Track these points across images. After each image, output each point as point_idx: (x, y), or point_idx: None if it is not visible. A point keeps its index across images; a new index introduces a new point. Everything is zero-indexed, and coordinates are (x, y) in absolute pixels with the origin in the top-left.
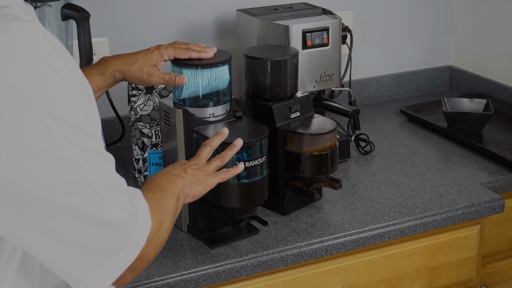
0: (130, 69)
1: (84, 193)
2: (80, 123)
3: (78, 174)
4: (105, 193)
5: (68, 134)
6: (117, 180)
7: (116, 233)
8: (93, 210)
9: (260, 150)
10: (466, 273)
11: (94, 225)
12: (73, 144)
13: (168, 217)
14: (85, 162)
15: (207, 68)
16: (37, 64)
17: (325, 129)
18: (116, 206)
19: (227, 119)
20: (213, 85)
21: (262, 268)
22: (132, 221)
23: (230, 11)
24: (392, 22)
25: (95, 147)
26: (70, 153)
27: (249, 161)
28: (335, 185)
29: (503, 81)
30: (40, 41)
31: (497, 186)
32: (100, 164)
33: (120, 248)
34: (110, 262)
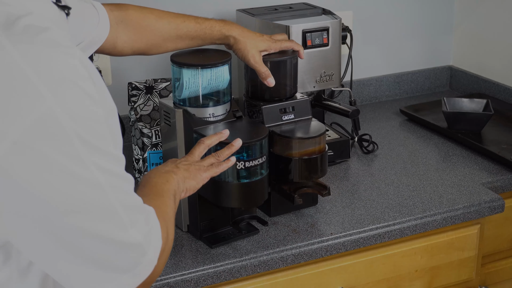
0: (244, 41)
1: (108, 216)
2: (108, 149)
3: (103, 198)
4: (126, 216)
5: (97, 160)
6: (136, 202)
7: (132, 253)
8: (115, 233)
9: (260, 150)
10: (466, 273)
11: (113, 247)
12: (100, 169)
13: (171, 224)
14: (110, 186)
15: (207, 68)
16: (73, 90)
17: (312, 133)
18: (135, 228)
19: (227, 119)
20: (213, 85)
21: (262, 268)
22: (147, 241)
23: (230, 11)
24: (392, 22)
25: (119, 171)
26: (98, 178)
27: (249, 161)
28: (323, 192)
29: (503, 81)
30: (77, 67)
31: (497, 186)
32: (123, 187)
33: (134, 267)
34: (122, 280)
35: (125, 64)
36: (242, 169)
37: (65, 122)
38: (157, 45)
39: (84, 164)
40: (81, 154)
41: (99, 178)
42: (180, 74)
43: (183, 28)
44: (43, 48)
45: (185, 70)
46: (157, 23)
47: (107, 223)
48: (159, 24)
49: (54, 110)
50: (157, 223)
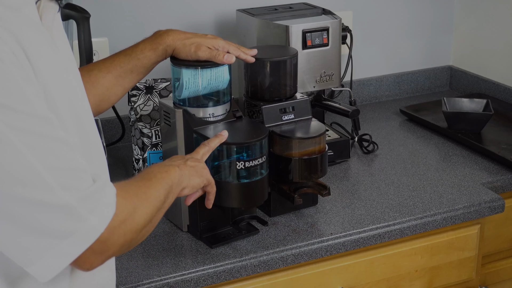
0: (182, 43)
1: (29, 178)
2: (27, 109)
3: (19, 159)
4: (52, 177)
5: (7, 119)
6: (72, 164)
7: (66, 218)
8: (40, 195)
9: (260, 150)
10: (466, 273)
11: (42, 210)
12: (14, 128)
13: (147, 204)
14: (28, 147)
15: (207, 68)
16: None
17: (312, 133)
18: (66, 191)
19: (227, 119)
20: (213, 85)
21: (262, 268)
22: (85, 206)
23: (230, 11)
24: (392, 22)
25: (43, 132)
26: (9, 138)
27: (249, 161)
28: (323, 192)
29: (503, 81)
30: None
31: (497, 186)
32: (49, 148)
33: (72, 233)
34: (62, 246)
35: None
36: (242, 169)
37: None
38: (105, 97)
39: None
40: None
41: (10, 137)
42: (180, 74)
43: (116, 67)
44: None
45: (185, 70)
46: (90, 77)
47: (30, 186)
48: (93, 76)
49: None
50: (110, 190)
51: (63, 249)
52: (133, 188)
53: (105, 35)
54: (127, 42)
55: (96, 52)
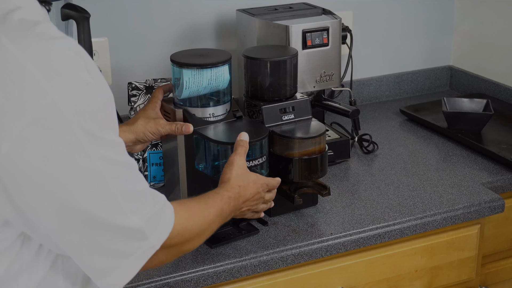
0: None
1: (108, 204)
2: (108, 136)
3: (104, 187)
4: (126, 202)
5: (99, 150)
6: (138, 187)
7: (134, 239)
8: (115, 219)
9: (260, 150)
10: (466, 273)
11: (115, 232)
12: (102, 158)
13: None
14: (111, 175)
15: (207, 68)
16: (72, 81)
17: (312, 133)
18: (135, 214)
19: (227, 119)
20: (213, 85)
21: (262, 268)
22: (150, 226)
23: (230, 11)
24: (392, 22)
25: (120, 158)
26: (99, 168)
27: (249, 161)
28: (323, 192)
29: (503, 81)
30: (74, 58)
31: (497, 186)
32: (125, 175)
33: (135, 251)
34: (126, 263)
35: (125, 64)
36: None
37: (68, 114)
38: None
39: (87, 155)
40: (84, 145)
41: (100, 168)
42: (180, 74)
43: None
44: (40, 42)
45: (185, 70)
46: None
47: (108, 210)
48: None
49: (56, 102)
50: (169, 211)
51: (126, 266)
52: (189, 205)
53: (105, 35)
54: (127, 42)
55: (96, 52)
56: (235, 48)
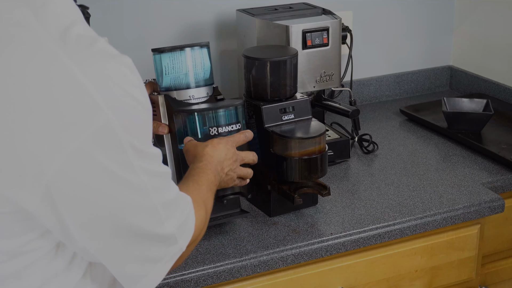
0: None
1: (149, 214)
2: (150, 149)
3: (147, 199)
4: (163, 211)
5: (143, 164)
6: (172, 194)
7: (166, 245)
8: (153, 228)
9: (236, 117)
10: (466, 273)
11: (151, 240)
12: (146, 172)
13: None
14: (153, 187)
15: (184, 50)
16: (127, 101)
17: (312, 133)
18: (169, 221)
19: (209, 102)
20: (194, 71)
21: (262, 268)
22: (180, 232)
23: (230, 11)
24: (392, 22)
25: (158, 169)
26: (144, 182)
27: (225, 126)
28: (323, 192)
29: (503, 81)
30: (129, 76)
31: (497, 186)
32: (162, 184)
33: (165, 255)
34: (157, 268)
35: None
36: (216, 135)
37: (121, 133)
38: None
39: (134, 171)
40: (132, 161)
41: (145, 181)
42: (160, 61)
43: None
44: (98, 60)
45: (163, 55)
46: None
47: (149, 221)
48: None
49: (111, 122)
50: (192, 213)
51: (157, 271)
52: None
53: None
54: (127, 42)
55: None
56: (235, 48)
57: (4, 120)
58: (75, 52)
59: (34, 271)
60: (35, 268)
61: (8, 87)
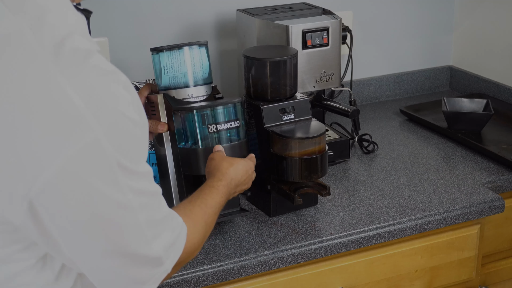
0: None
1: (134, 233)
2: (140, 168)
3: (133, 219)
4: (150, 231)
5: (131, 182)
6: (161, 214)
7: (152, 266)
8: (138, 248)
9: (235, 114)
10: (466, 273)
11: (135, 261)
12: (133, 191)
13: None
14: (139, 206)
15: (182, 49)
16: (118, 118)
17: (312, 133)
18: (157, 242)
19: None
20: (192, 70)
21: (262, 268)
22: (167, 254)
23: (230, 11)
24: (392, 22)
25: (148, 188)
26: (130, 201)
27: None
28: (323, 192)
29: (503, 81)
30: (122, 94)
31: (497, 186)
32: (151, 204)
33: (150, 278)
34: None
35: (125, 64)
36: (215, 132)
37: (108, 151)
38: None
39: (121, 190)
40: (119, 180)
41: (131, 200)
42: (158, 60)
43: None
44: (91, 76)
45: (162, 54)
46: None
47: (133, 240)
48: None
49: (99, 140)
50: (183, 236)
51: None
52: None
53: (105, 35)
54: (127, 42)
55: None
56: (235, 48)
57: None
58: (67, 66)
59: (23, 281)
60: (24, 278)
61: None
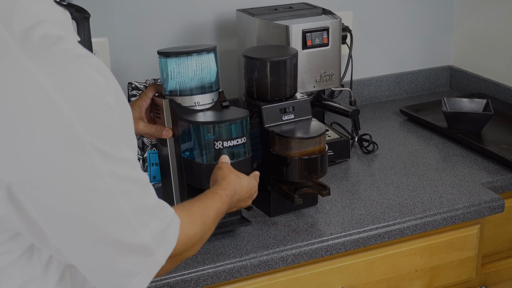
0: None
1: (118, 221)
2: (121, 154)
3: (115, 205)
4: (135, 218)
5: (110, 167)
6: (148, 202)
7: (141, 255)
8: (123, 236)
9: (241, 131)
10: (466, 273)
11: (122, 249)
12: (113, 176)
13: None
14: (121, 192)
15: (191, 56)
16: (90, 101)
17: (312, 133)
18: (143, 230)
19: (213, 109)
20: (199, 75)
21: (262, 268)
22: (157, 242)
23: (230, 11)
24: (392, 22)
25: (131, 174)
26: (110, 187)
27: (230, 140)
28: (323, 192)
29: (503, 81)
30: (94, 77)
31: (497, 186)
32: (135, 191)
33: (142, 269)
34: (133, 283)
35: (125, 64)
36: (221, 149)
37: (82, 135)
38: None
39: (99, 174)
40: (96, 165)
41: (111, 186)
42: (166, 64)
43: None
44: (60, 60)
45: (169, 60)
46: None
47: (117, 227)
48: None
49: (72, 123)
50: (176, 225)
51: (134, 284)
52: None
53: (105, 35)
54: (127, 42)
55: (96, 52)
56: (235, 48)
57: None
58: (35, 51)
59: (10, 274)
60: (11, 271)
61: None
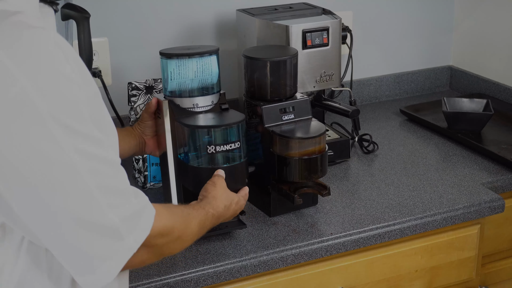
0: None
1: (83, 198)
2: (87, 130)
3: (79, 181)
4: (103, 198)
5: (75, 142)
6: (119, 185)
7: (110, 238)
8: (91, 215)
9: (237, 135)
10: (466, 273)
11: (90, 230)
12: (78, 152)
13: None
14: (87, 169)
15: (192, 58)
16: (47, 71)
17: (312, 133)
18: (113, 211)
19: (212, 111)
20: (201, 77)
21: (262, 268)
22: (126, 226)
23: (230, 11)
24: (392, 22)
25: (100, 154)
26: (73, 161)
27: (225, 144)
28: (323, 192)
29: (503, 81)
30: (51, 49)
31: (497, 186)
32: (103, 170)
33: (112, 254)
34: (103, 268)
35: (125, 64)
36: (213, 154)
37: (39, 104)
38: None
39: (60, 146)
40: (57, 136)
41: (74, 160)
42: (166, 65)
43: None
44: (14, 29)
45: (170, 61)
46: None
47: (82, 205)
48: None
49: (27, 91)
50: (150, 212)
51: (105, 269)
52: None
53: (105, 35)
54: (127, 42)
55: (96, 52)
56: (235, 48)
57: None
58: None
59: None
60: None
61: None
